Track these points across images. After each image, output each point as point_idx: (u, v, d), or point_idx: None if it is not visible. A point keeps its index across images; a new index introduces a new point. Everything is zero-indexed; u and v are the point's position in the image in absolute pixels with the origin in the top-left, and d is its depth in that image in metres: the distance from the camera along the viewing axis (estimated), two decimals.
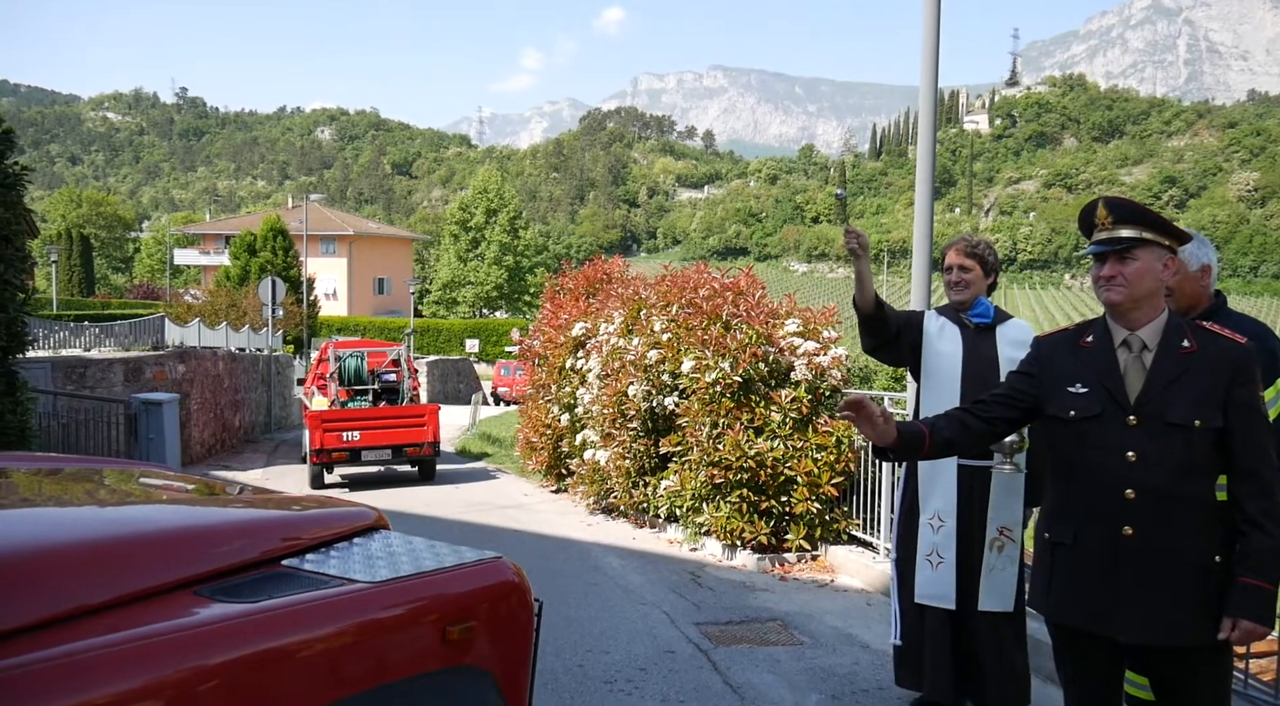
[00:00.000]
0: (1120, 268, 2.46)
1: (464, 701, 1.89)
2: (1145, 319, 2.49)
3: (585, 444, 9.63)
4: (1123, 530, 2.41)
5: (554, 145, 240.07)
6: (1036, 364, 2.68)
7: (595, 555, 7.54)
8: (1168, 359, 2.45)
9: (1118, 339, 2.52)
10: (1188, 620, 2.38)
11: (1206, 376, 2.41)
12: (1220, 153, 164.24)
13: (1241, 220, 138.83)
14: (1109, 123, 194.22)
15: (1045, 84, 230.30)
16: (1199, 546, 2.39)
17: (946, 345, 3.94)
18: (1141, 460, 2.40)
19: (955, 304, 3.99)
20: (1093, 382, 2.50)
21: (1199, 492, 2.40)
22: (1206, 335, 2.47)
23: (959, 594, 3.81)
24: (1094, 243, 2.52)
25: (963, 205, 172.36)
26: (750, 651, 4.96)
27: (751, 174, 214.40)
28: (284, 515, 2.09)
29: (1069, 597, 2.53)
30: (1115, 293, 2.47)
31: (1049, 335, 2.76)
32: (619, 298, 9.64)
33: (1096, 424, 2.47)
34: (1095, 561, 2.46)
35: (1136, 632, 2.42)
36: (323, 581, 1.77)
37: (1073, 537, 2.51)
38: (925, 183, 5.73)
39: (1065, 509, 2.56)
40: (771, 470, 6.91)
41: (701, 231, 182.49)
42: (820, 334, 7.47)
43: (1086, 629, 2.50)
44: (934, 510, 3.89)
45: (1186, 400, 2.40)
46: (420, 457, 13.04)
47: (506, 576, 2.06)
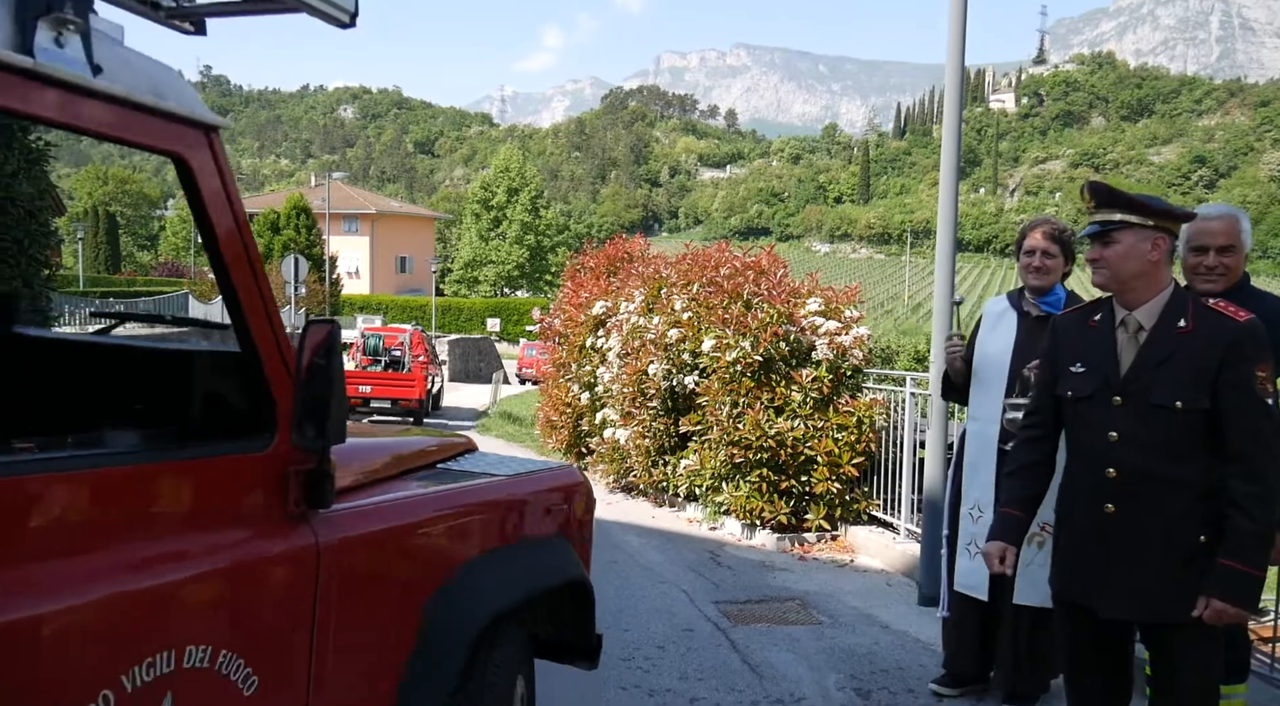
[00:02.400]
0: (1102, 251, 2.50)
1: (556, 557, 2.68)
2: (1141, 299, 2.49)
3: (605, 422, 9.63)
4: (1105, 507, 2.47)
5: (576, 124, 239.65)
6: (1052, 342, 2.71)
7: (614, 533, 7.56)
8: (1160, 339, 2.44)
9: (1118, 319, 2.54)
10: (1165, 598, 2.41)
11: (1198, 356, 2.39)
12: (1252, 132, 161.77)
13: (1273, 200, 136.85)
14: (1138, 101, 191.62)
15: (1073, 62, 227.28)
16: (1181, 526, 2.40)
17: (1000, 336, 3.84)
18: (1123, 440, 2.44)
19: (1033, 289, 3.81)
20: (1090, 363, 2.54)
21: (1181, 473, 2.40)
22: (1206, 314, 2.43)
23: (991, 584, 3.78)
24: (1086, 226, 2.58)
25: (988, 185, 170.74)
26: (769, 630, 4.96)
27: (774, 153, 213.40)
28: (430, 439, 2.85)
29: (1063, 571, 2.63)
30: (1099, 275, 2.54)
31: (1065, 313, 2.80)
32: (640, 276, 9.60)
33: (1088, 404, 2.53)
34: (1083, 537, 2.54)
35: (1114, 608, 2.49)
36: (473, 475, 2.57)
37: (1068, 512, 2.61)
38: (950, 163, 5.64)
39: (1065, 486, 2.64)
40: (792, 450, 6.89)
41: (723, 211, 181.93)
42: (842, 313, 7.41)
43: (1077, 602, 2.58)
44: (974, 500, 3.86)
45: (1172, 381, 2.39)
46: (409, 408, 18.27)
47: (577, 477, 2.97)
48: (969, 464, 3.90)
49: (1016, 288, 3.97)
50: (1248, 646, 3.36)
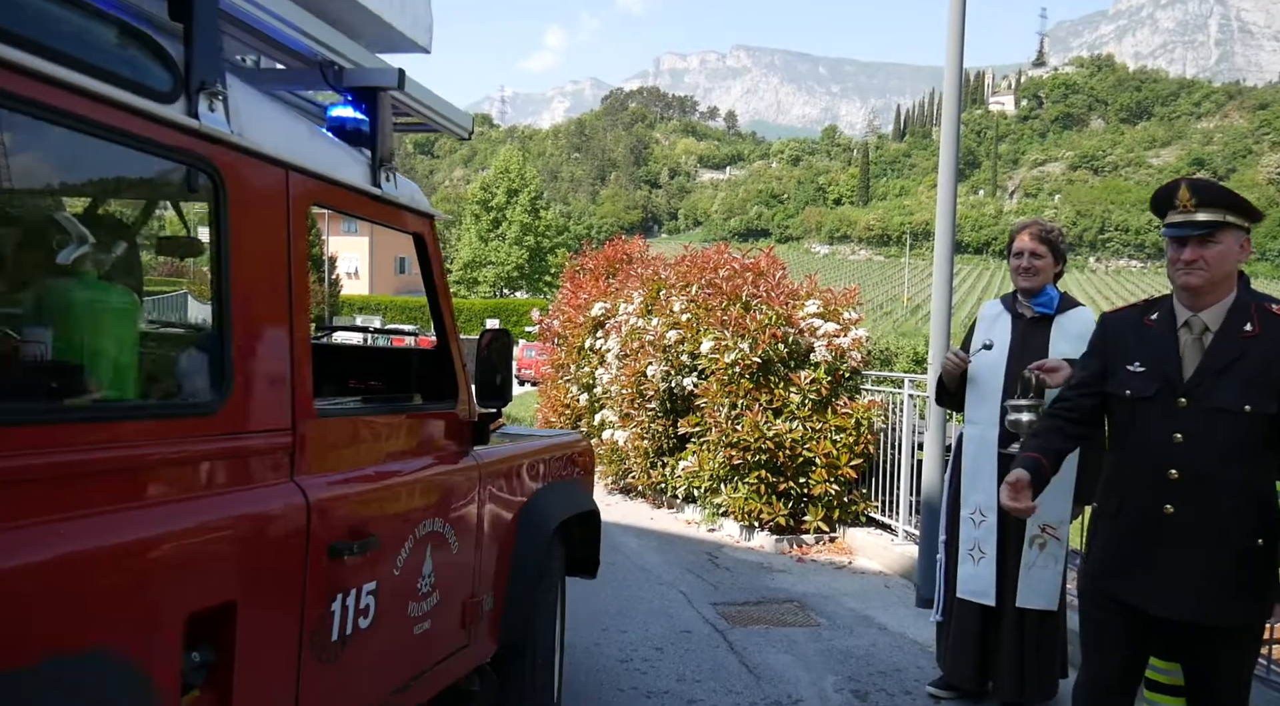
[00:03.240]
0: (1202, 251, 2.41)
1: (581, 492, 3.77)
2: (1212, 301, 2.46)
3: (604, 424, 9.64)
4: (1164, 508, 2.43)
5: (576, 125, 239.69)
6: (1103, 341, 2.68)
7: (613, 535, 7.56)
8: (1226, 342, 2.42)
9: (1180, 320, 2.50)
10: (1220, 600, 2.39)
11: (1265, 361, 2.37)
12: (1250, 135, 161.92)
13: (1271, 203, 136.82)
14: (1137, 104, 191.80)
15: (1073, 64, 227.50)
16: (1240, 529, 2.39)
17: (995, 338, 3.86)
18: (1188, 442, 2.40)
19: (1023, 290, 3.83)
20: (1151, 363, 2.50)
21: (1244, 476, 2.39)
22: (1271, 318, 2.42)
23: (997, 589, 3.78)
24: (1171, 225, 2.47)
25: (987, 187, 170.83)
26: (767, 632, 4.96)
27: (774, 155, 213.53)
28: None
29: (1107, 567, 2.58)
30: (1195, 276, 2.43)
31: (1116, 312, 2.76)
32: (639, 278, 9.61)
33: (1148, 404, 2.48)
34: (1136, 534, 2.50)
35: (1167, 607, 2.44)
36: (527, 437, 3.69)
37: (1116, 509, 2.56)
38: (949, 165, 5.65)
39: (1114, 481, 2.60)
40: (790, 451, 6.89)
41: (723, 213, 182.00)
42: (841, 315, 7.42)
43: (1119, 599, 2.54)
44: (975, 504, 3.84)
45: (1239, 384, 2.37)
46: None
47: (584, 441, 4.04)
48: (969, 468, 3.89)
49: (1010, 291, 3.98)
50: None
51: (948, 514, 4.04)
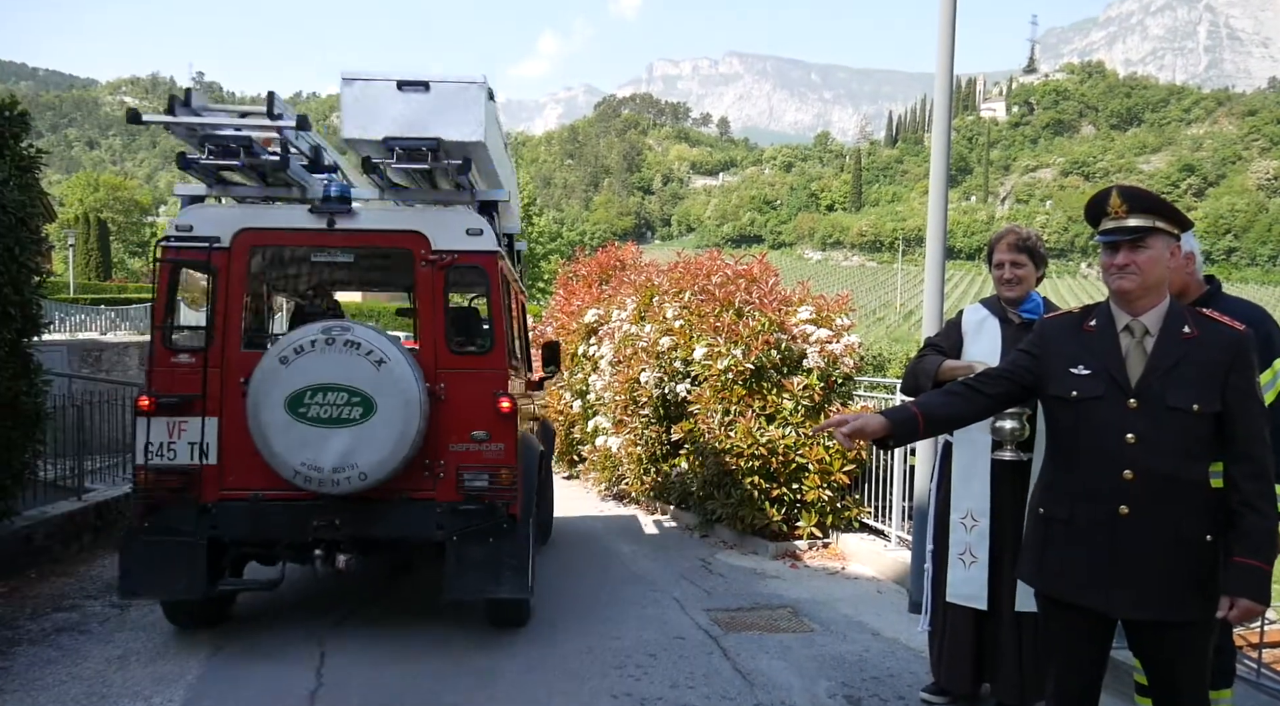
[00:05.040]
0: (1133, 256, 2.51)
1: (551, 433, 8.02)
2: (1149, 305, 2.55)
3: (597, 430, 9.64)
4: (1119, 509, 2.48)
5: (569, 131, 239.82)
6: (1040, 344, 2.73)
7: (607, 541, 7.56)
8: (1168, 344, 2.50)
9: (1120, 324, 2.58)
10: (1176, 597, 2.45)
11: (1206, 362, 2.47)
12: (1240, 141, 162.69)
13: (1260, 209, 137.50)
14: (1127, 110, 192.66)
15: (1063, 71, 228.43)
16: (1191, 526, 2.46)
17: (984, 341, 3.85)
18: (1140, 442, 2.46)
19: (1008, 301, 3.84)
20: (1096, 365, 2.56)
21: (1194, 475, 2.47)
22: (1206, 322, 2.53)
23: (992, 592, 3.77)
24: (1103, 231, 2.56)
25: (979, 193, 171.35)
26: (760, 638, 4.96)
27: (766, 161, 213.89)
28: None
29: (1062, 571, 2.61)
30: (1128, 280, 2.52)
31: (1052, 317, 2.82)
32: (632, 284, 9.62)
33: (1098, 405, 2.54)
34: (1091, 538, 2.54)
35: (1126, 608, 2.51)
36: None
37: (1068, 514, 2.59)
38: (940, 172, 5.68)
39: (1062, 486, 2.63)
40: (783, 457, 6.90)
41: (716, 219, 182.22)
42: (833, 321, 7.44)
43: (1077, 602, 2.57)
44: (966, 509, 3.83)
45: (1186, 384, 2.45)
46: None
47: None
48: (959, 473, 3.89)
49: (993, 294, 3.99)
50: (1233, 652, 3.38)
51: (935, 521, 4.03)
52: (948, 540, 3.90)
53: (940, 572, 3.94)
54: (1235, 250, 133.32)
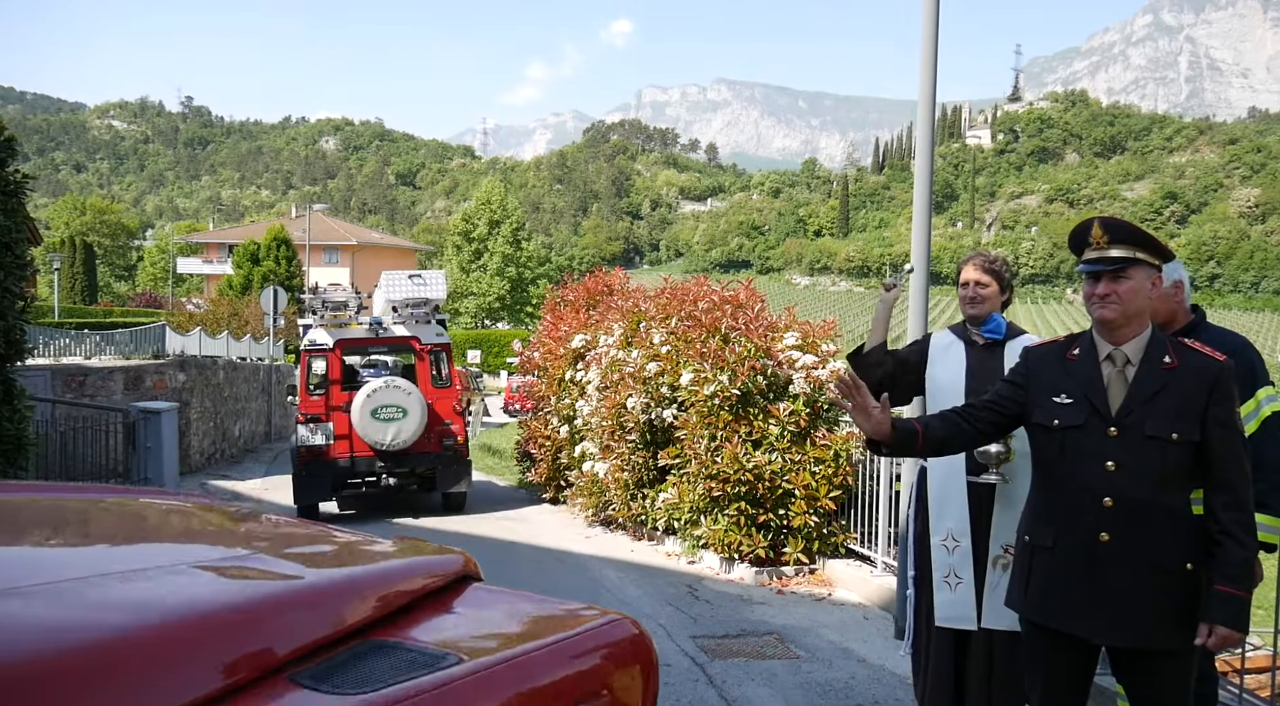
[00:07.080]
0: (1114, 286, 2.54)
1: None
2: (1131, 334, 2.58)
3: (584, 456, 9.62)
4: (1099, 536, 2.51)
5: (558, 157, 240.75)
6: (1025, 374, 2.77)
7: (593, 567, 7.53)
8: (1149, 373, 2.54)
9: (1102, 353, 2.61)
10: (1157, 624, 2.48)
11: (1186, 392, 2.50)
12: (1221, 169, 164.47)
13: (1242, 236, 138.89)
14: (1110, 138, 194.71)
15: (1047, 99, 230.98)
16: (1171, 555, 2.49)
17: (950, 363, 3.92)
18: (1120, 470, 2.50)
19: (969, 318, 3.95)
20: (1077, 394, 2.59)
21: (1173, 503, 2.50)
22: (1187, 352, 2.57)
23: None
24: (1086, 261, 2.60)
25: (965, 219, 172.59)
26: (746, 665, 4.95)
27: (754, 187, 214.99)
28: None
29: (1046, 598, 2.63)
30: (1109, 309, 2.55)
31: (1038, 346, 2.87)
32: (619, 310, 9.64)
33: (1079, 434, 2.57)
34: (1072, 565, 2.56)
35: (1108, 634, 2.53)
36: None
37: (1052, 541, 2.61)
38: (924, 198, 5.74)
39: (1046, 513, 2.66)
40: (769, 483, 6.90)
41: (704, 244, 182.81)
42: (819, 347, 7.47)
43: (1061, 629, 2.59)
44: (946, 531, 3.86)
45: (1165, 414, 2.49)
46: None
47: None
48: (936, 497, 3.91)
49: (960, 321, 4.08)
50: (1215, 679, 3.39)
51: (916, 545, 4.05)
52: (930, 564, 3.92)
53: (922, 596, 3.96)
54: (1218, 277, 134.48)
